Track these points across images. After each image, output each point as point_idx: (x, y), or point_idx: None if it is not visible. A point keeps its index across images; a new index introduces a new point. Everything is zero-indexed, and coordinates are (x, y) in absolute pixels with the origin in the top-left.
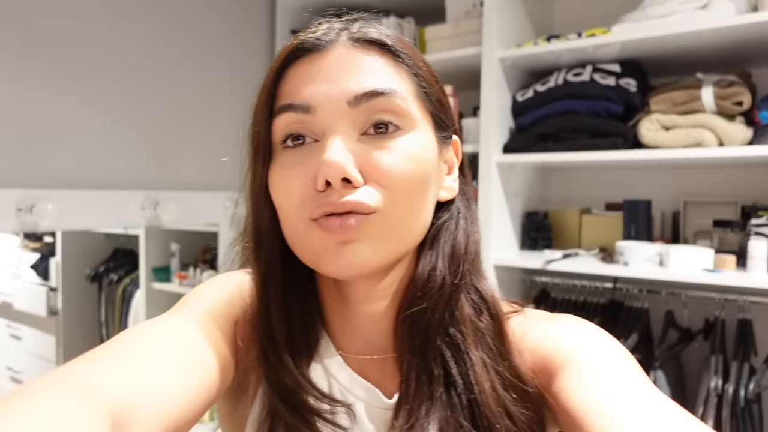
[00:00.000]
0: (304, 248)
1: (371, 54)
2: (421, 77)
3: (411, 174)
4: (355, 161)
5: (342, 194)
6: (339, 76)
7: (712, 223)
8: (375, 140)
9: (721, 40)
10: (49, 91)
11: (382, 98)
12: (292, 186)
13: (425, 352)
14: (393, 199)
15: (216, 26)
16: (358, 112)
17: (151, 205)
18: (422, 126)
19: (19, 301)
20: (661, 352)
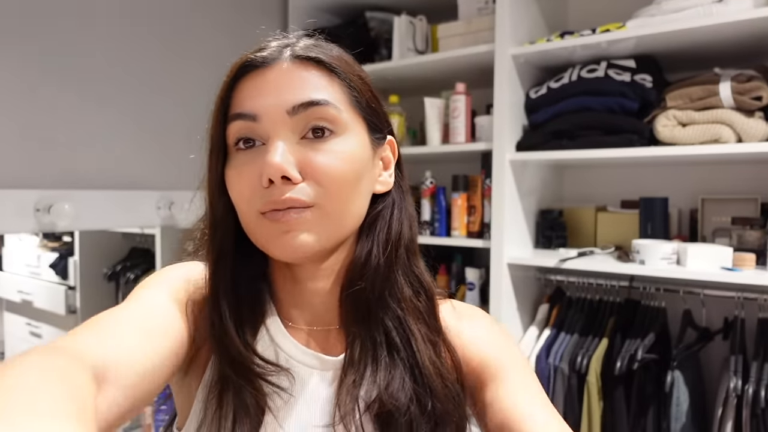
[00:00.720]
0: (256, 236)
1: (309, 70)
2: (353, 88)
3: (343, 171)
4: (295, 161)
5: (283, 191)
6: (280, 89)
7: (731, 221)
8: (312, 143)
9: (739, 34)
10: (65, 93)
11: (316, 108)
12: (242, 183)
13: (368, 324)
14: (327, 194)
15: (229, 26)
16: (296, 120)
17: (167, 204)
18: (355, 130)
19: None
20: (678, 352)
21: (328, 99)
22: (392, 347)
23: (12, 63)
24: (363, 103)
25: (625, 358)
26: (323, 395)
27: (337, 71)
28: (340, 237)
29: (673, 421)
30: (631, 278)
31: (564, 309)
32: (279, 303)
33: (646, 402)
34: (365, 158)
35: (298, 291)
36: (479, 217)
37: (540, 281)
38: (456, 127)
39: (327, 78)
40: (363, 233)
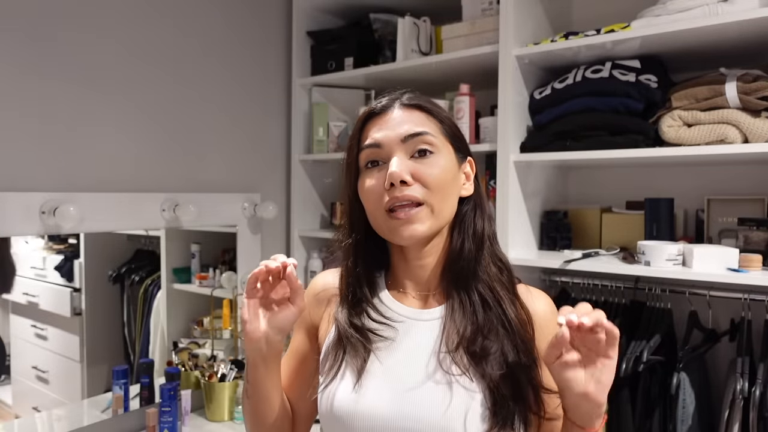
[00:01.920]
0: (382, 228)
1: (413, 112)
2: (443, 123)
3: (441, 177)
4: (408, 171)
5: (402, 191)
6: (395, 126)
7: (737, 222)
8: (419, 159)
9: (745, 33)
10: (71, 96)
11: (420, 136)
12: (372, 189)
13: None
14: (432, 193)
15: (234, 30)
16: (407, 145)
17: (171, 207)
18: (446, 150)
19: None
20: (684, 354)
21: (427, 130)
22: (486, 306)
23: (18, 66)
24: (450, 133)
25: (631, 360)
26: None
27: (432, 112)
28: (441, 226)
29: (679, 424)
30: (636, 279)
31: None
32: (394, 276)
33: (651, 404)
34: (454, 170)
35: (408, 267)
36: None
37: (545, 282)
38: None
39: (425, 117)
40: (455, 227)
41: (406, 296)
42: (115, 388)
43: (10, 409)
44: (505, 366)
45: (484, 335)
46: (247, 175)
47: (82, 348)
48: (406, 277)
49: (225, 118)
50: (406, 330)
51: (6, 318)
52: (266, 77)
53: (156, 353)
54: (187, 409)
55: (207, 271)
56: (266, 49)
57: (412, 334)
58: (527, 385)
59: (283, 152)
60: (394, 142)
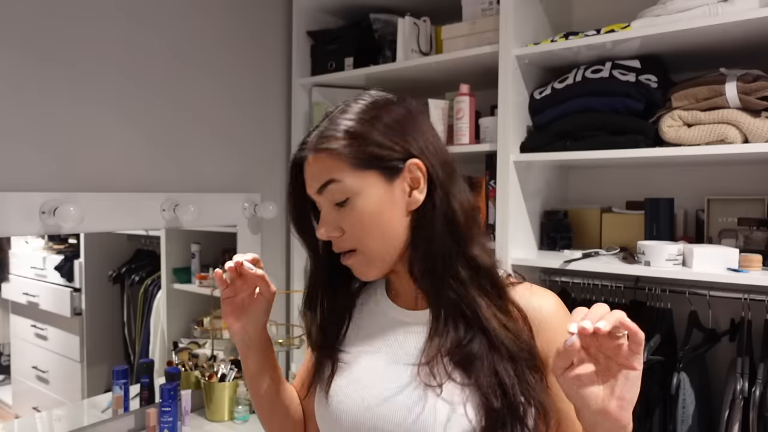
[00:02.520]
0: None
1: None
2: (355, 156)
3: (364, 222)
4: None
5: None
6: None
7: (737, 222)
8: (340, 209)
9: (745, 33)
10: (70, 96)
11: (329, 186)
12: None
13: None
14: (361, 240)
15: (234, 31)
16: (324, 197)
17: (171, 207)
18: (365, 184)
19: (45, 301)
20: (684, 354)
21: (334, 177)
22: (462, 315)
23: (18, 66)
24: (366, 159)
25: None
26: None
27: (334, 147)
28: (391, 259)
29: (679, 424)
30: (636, 279)
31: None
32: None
33: (651, 404)
34: (382, 201)
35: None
36: (484, 218)
37: (545, 283)
38: (460, 129)
39: (332, 160)
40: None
41: (399, 296)
42: (115, 388)
43: (10, 409)
44: (494, 376)
45: (463, 345)
46: (247, 175)
47: (82, 348)
48: (395, 286)
49: (225, 118)
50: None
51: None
52: (266, 77)
53: (156, 353)
54: (187, 409)
55: (207, 271)
56: (266, 49)
57: (397, 336)
58: (522, 395)
59: (283, 152)
60: (315, 196)
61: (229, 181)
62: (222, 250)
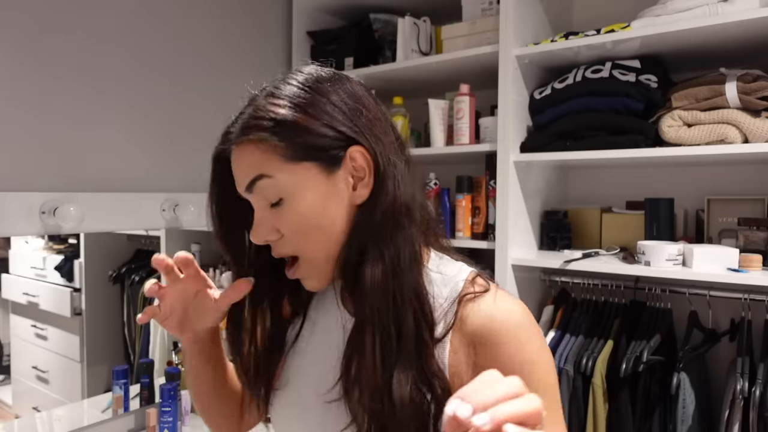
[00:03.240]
0: None
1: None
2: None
3: (303, 224)
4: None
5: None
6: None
7: (737, 222)
8: (274, 209)
9: (745, 33)
10: (71, 96)
11: (256, 184)
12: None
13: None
14: (300, 244)
15: (234, 31)
16: (255, 195)
17: (171, 207)
18: (298, 180)
19: (45, 301)
20: (684, 354)
21: (262, 173)
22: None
23: (18, 66)
24: (301, 150)
25: (631, 360)
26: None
27: (266, 140)
28: (333, 255)
29: (680, 424)
30: (636, 279)
31: (569, 310)
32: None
33: (651, 404)
34: (322, 198)
35: None
36: (484, 218)
37: (545, 282)
38: (460, 129)
39: (260, 150)
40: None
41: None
42: (115, 388)
43: (10, 409)
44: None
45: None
46: None
47: (82, 348)
48: None
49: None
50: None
51: (6, 318)
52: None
53: (156, 353)
54: (187, 409)
55: (207, 271)
56: (266, 49)
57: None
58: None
59: None
60: (244, 193)
61: None
62: None
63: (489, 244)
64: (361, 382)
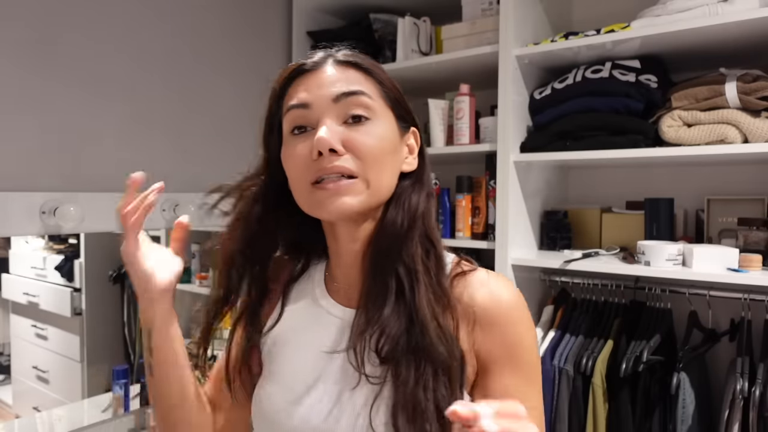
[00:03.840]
0: (308, 203)
1: (348, 70)
2: (383, 85)
3: (377, 147)
4: (339, 139)
5: (331, 161)
6: (326, 85)
7: (737, 222)
8: (352, 126)
9: (745, 33)
10: (71, 96)
11: (354, 97)
12: (297, 159)
13: (384, 272)
14: (366, 165)
15: (234, 31)
16: (339, 107)
17: (171, 207)
18: (385, 117)
19: (45, 301)
20: (684, 354)
21: (364, 90)
22: (401, 291)
23: (18, 65)
24: (391, 97)
25: (631, 360)
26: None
27: (370, 71)
28: (376, 203)
29: (679, 423)
30: (636, 279)
31: (569, 310)
32: (329, 265)
33: (651, 404)
34: (394, 140)
35: (339, 252)
36: (483, 218)
37: (545, 282)
38: (460, 129)
39: (362, 76)
40: (392, 204)
41: (338, 291)
42: (115, 388)
43: (10, 409)
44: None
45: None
46: None
47: (82, 348)
48: (336, 264)
49: (225, 118)
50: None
51: (6, 318)
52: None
53: None
54: None
55: (207, 271)
56: (266, 49)
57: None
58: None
59: None
60: (324, 102)
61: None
62: None
63: (489, 244)
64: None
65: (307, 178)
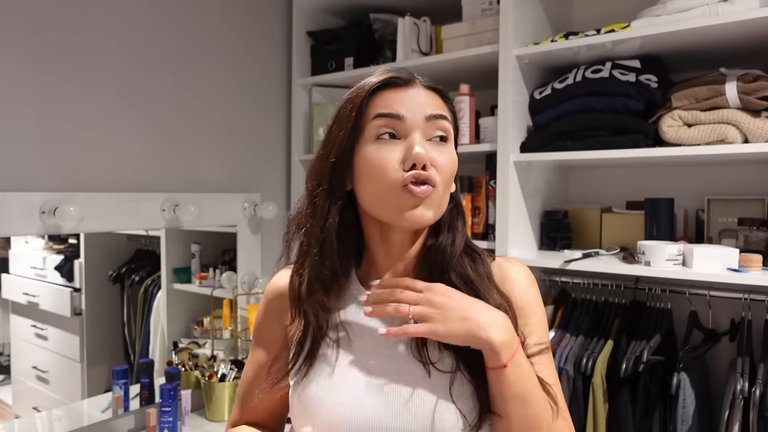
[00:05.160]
0: (391, 204)
1: (434, 95)
2: (453, 114)
3: (452, 167)
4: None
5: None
6: (420, 103)
7: (738, 222)
8: (436, 145)
9: (745, 33)
10: (70, 96)
11: (441, 120)
12: (385, 163)
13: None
14: (443, 181)
15: (234, 31)
16: (429, 125)
17: (171, 207)
18: (451, 142)
19: (45, 301)
20: (685, 354)
21: (448, 116)
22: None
23: (18, 65)
24: (455, 126)
25: (631, 360)
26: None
27: (446, 99)
28: (439, 216)
29: (680, 424)
30: (636, 279)
31: (569, 310)
32: (371, 268)
33: (651, 404)
34: (456, 163)
35: (388, 258)
36: (484, 218)
37: (545, 282)
38: (460, 129)
39: (443, 103)
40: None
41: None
42: (115, 388)
43: (10, 409)
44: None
45: None
46: (247, 175)
47: (82, 348)
48: (385, 269)
49: (225, 118)
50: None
51: (6, 318)
52: (266, 77)
53: (156, 353)
54: (187, 409)
55: (207, 271)
56: (266, 49)
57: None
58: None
59: (283, 152)
60: (418, 119)
61: (229, 181)
62: (222, 250)
63: (489, 244)
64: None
65: (397, 182)
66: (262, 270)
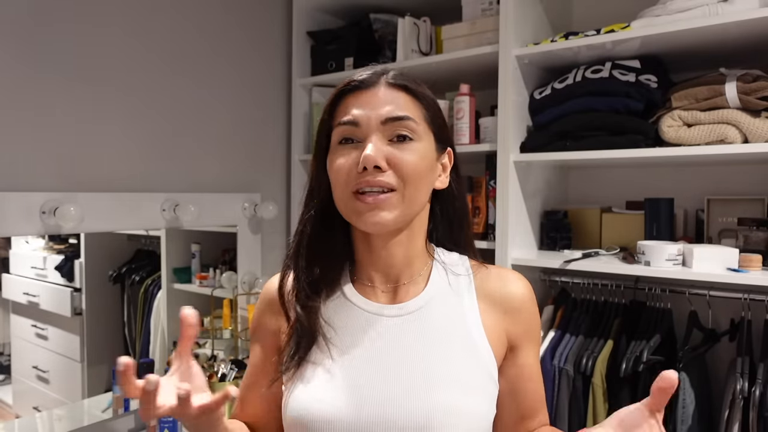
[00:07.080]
0: (347, 210)
1: (398, 92)
2: (429, 109)
3: (417, 166)
4: (384, 156)
5: (374, 176)
6: (376, 106)
7: (737, 222)
8: (396, 144)
9: (745, 33)
10: (71, 96)
11: (401, 121)
12: (342, 168)
13: None
14: (405, 182)
15: (234, 31)
16: (386, 128)
17: (171, 207)
18: (426, 138)
19: (45, 301)
20: (684, 354)
21: (410, 115)
22: None
23: (18, 65)
24: (433, 121)
25: (631, 360)
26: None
27: (417, 95)
28: (409, 217)
29: (679, 424)
30: (636, 279)
31: (569, 310)
32: (360, 269)
33: None
34: (431, 159)
35: (373, 258)
36: (484, 218)
37: (545, 282)
38: (460, 129)
39: (411, 100)
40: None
41: (373, 290)
42: (115, 388)
43: (11, 408)
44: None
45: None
46: (247, 175)
47: (82, 348)
48: (373, 269)
49: (225, 118)
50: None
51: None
52: (266, 77)
53: (156, 353)
54: None
55: (207, 271)
56: (266, 49)
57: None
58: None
59: (283, 152)
60: (373, 122)
61: (229, 181)
62: (222, 250)
63: (489, 244)
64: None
65: (350, 188)
66: (262, 270)
